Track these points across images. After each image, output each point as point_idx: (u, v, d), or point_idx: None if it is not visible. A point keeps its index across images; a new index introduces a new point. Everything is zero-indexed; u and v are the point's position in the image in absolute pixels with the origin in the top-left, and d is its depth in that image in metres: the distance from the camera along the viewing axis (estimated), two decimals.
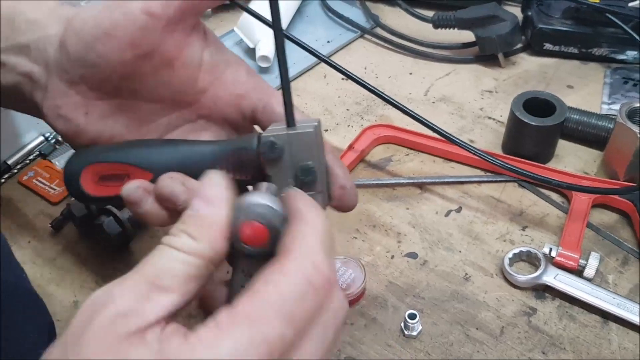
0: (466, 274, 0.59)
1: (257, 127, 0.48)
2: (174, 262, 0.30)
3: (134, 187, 0.40)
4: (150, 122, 0.45)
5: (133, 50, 0.40)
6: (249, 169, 0.40)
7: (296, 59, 0.85)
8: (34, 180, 0.69)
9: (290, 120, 0.37)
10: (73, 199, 0.64)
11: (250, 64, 0.83)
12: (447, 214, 0.65)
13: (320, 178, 0.38)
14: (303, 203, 0.32)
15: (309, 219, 0.31)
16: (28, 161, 0.71)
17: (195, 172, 0.40)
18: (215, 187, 0.33)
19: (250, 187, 0.41)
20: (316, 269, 0.29)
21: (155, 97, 0.44)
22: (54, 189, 0.68)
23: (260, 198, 0.32)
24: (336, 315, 0.31)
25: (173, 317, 0.29)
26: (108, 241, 0.60)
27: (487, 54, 0.83)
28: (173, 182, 0.39)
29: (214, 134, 0.47)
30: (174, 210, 0.39)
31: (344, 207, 0.45)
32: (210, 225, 0.31)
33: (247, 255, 0.33)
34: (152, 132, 0.45)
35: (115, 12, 0.39)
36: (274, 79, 0.82)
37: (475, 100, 0.79)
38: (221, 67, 0.45)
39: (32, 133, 0.73)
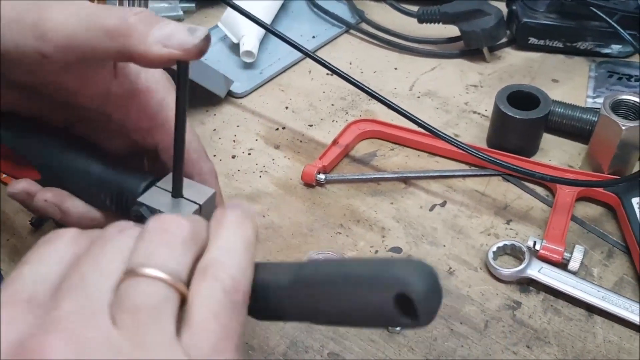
0: (450, 268, 0.58)
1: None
2: None
3: (17, 192, 0.41)
4: (61, 113, 0.43)
5: (30, 76, 0.37)
6: (128, 211, 0.39)
7: (281, 54, 0.84)
8: None
9: (176, 191, 0.36)
10: None
11: (234, 59, 0.84)
12: (432, 208, 0.64)
13: None
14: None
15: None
16: None
17: (80, 190, 0.41)
18: None
19: None
20: None
21: (63, 104, 0.41)
22: None
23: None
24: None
25: None
26: None
27: (472, 49, 0.83)
28: (47, 206, 0.40)
29: (124, 139, 0.45)
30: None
31: None
32: None
33: None
34: (62, 120, 0.44)
35: (8, 40, 0.35)
36: (257, 75, 0.82)
37: (460, 95, 0.79)
38: (129, 99, 0.41)
39: None
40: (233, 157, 0.71)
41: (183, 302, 0.27)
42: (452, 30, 0.84)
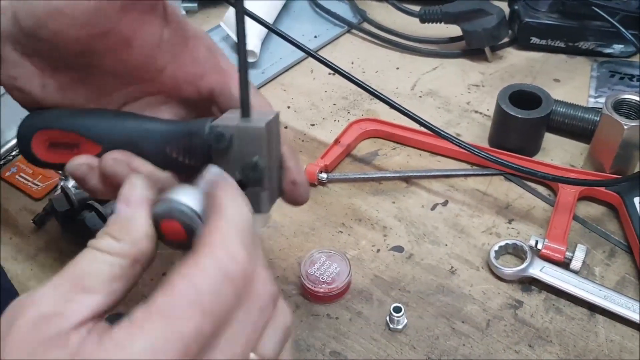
0: (452, 267, 0.58)
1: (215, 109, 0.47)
2: (97, 264, 0.30)
3: (78, 164, 0.40)
4: (110, 94, 0.44)
5: (87, 29, 0.38)
6: (198, 155, 0.39)
7: (283, 53, 0.84)
8: (17, 177, 0.68)
9: (245, 111, 0.36)
10: (56, 194, 0.63)
11: (236, 59, 0.84)
12: (434, 207, 0.64)
13: (268, 174, 0.37)
14: (226, 197, 0.32)
15: (228, 214, 0.31)
16: (10, 157, 0.70)
17: (144, 150, 0.40)
18: (134, 188, 0.33)
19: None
20: (231, 259, 0.29)
21: (114, 72, 0.42)
22: (37, 185, 0.67)
23: (180, 195, 0.33)
24: (261, 305, 0.31)
25: (101, 317, 0.29)
26: (90, 236, 0.58)
27: (474, 48, 0.83)
28: (116, 164, 0.39)
29: (174, 109, 0.46)
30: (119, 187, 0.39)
31: (294, 203, 0.43)
32: (131, 226, 0.32)
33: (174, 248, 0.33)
34: (112, 103, 0.44)
35: None
36: (259, 74, 0.82)
37: (462, 94, 0.79)
38: (180, 46, 0.43)
39: (15, 129, 0.71)
40: None
41: None
42: (454, 30, 0.84)
